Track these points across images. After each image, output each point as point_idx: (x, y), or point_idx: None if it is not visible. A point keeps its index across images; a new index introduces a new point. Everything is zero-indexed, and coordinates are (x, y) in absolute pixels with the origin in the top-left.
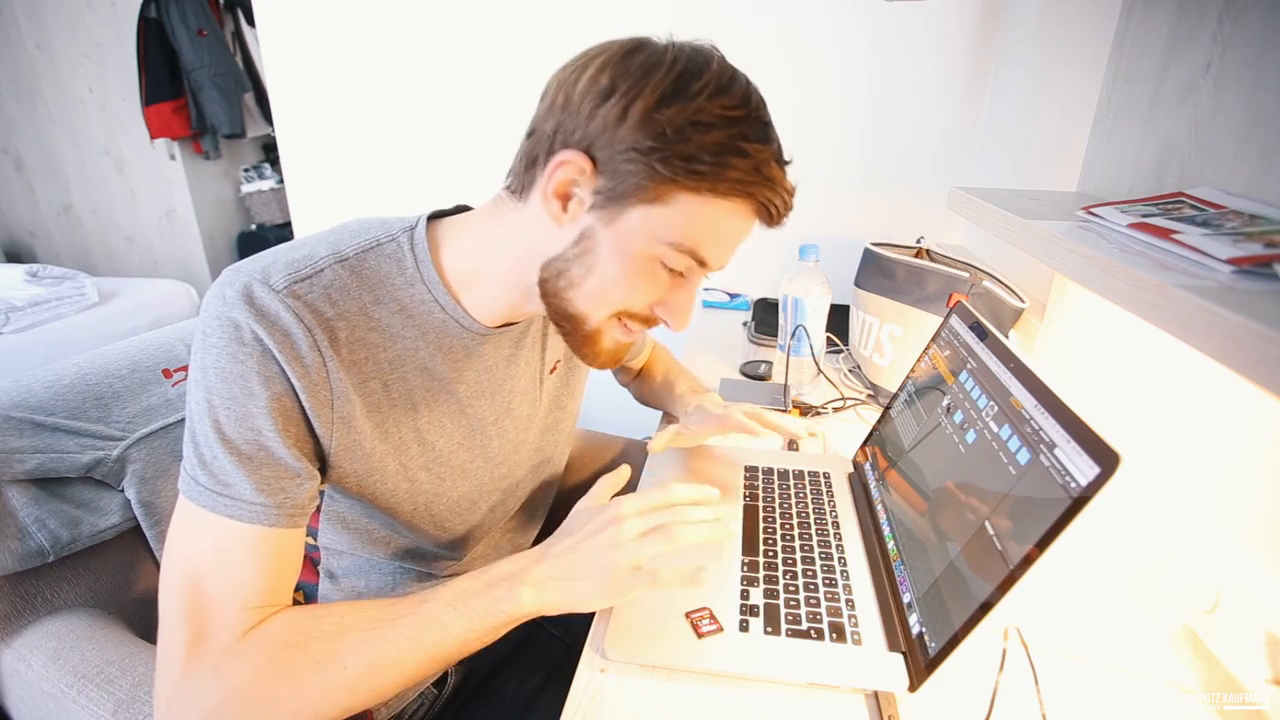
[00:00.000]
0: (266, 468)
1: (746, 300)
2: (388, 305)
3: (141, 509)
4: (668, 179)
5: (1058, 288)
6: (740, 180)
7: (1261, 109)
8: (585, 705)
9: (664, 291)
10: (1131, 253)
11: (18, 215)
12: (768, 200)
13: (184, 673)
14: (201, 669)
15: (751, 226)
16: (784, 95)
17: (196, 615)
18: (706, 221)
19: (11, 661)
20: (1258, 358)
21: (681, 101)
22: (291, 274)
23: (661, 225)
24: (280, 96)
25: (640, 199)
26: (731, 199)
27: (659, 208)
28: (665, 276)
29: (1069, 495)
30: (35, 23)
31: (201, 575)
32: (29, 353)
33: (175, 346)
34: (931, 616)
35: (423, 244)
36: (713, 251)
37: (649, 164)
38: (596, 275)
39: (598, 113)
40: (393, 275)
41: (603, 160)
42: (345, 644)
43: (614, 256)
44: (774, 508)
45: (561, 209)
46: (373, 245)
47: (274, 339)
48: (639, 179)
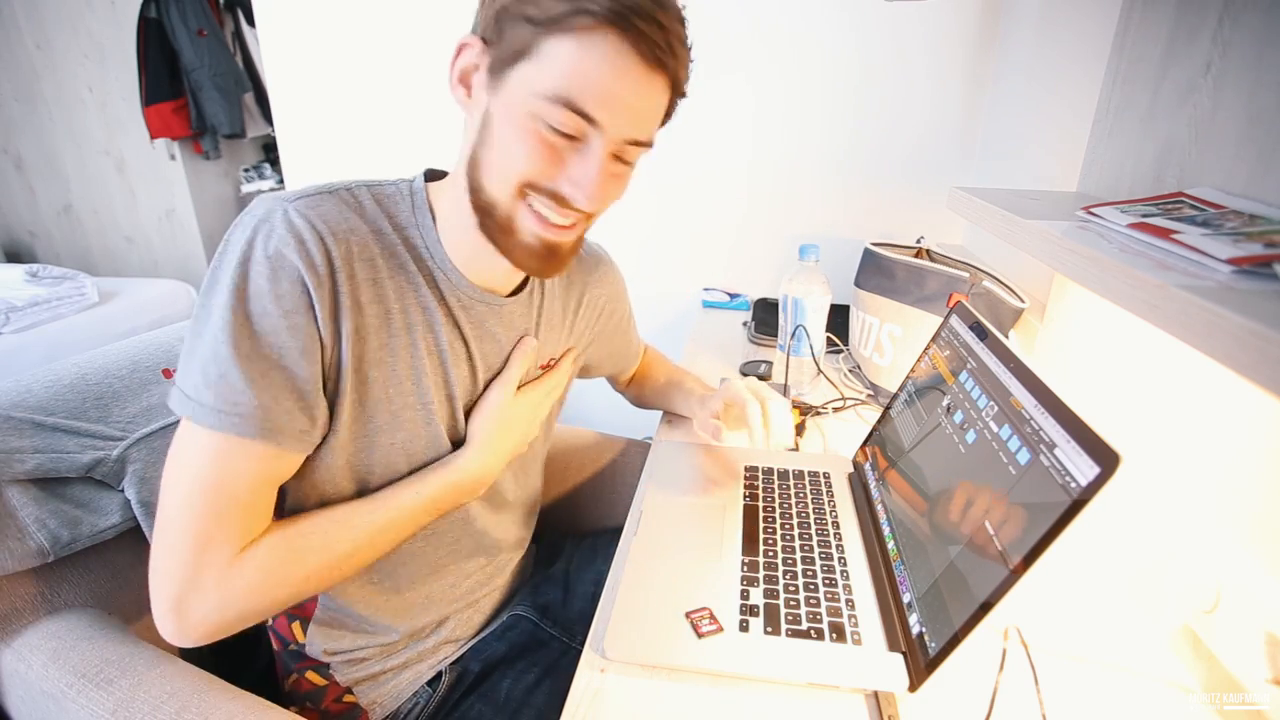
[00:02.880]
0: (277, 386)
1: (746, 300)
2: (389, 236)
3: (141, 509)
4: (533, 29)
5: (1058, 288)
6: (595, 10)
7: (1261, 109)
8: (585, 705)
9: (564, 162)
10: (1131, 253)
11: (18, 215)
12: (633, 31)
13: (190, 582)
14: (208, 579)
15: (634, 68)
16: (784, 95)
17: (203, 529)
18: (575, 64)
19: (11, 661)
20: (1258, 358)
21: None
22: (305, 192)
23: (535, 79)
24: (280, 96)
25: (515, 55)
26: (592, 34)
27: (531, 62)
28: (560, 141)
29: (1069, 495)
30: (35, 23)
31: (207, 491)
32: (29, 353)
33: (175, 346)
34: (931, 616)
35: (420, 193)
36: (592, 101)
37: (512, 18)
38: (494, 149)
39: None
40: (395, 213)
41: (489, 35)
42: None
43: (504, 125)
44: (774, 508)
45: (466, 95)
46: (375, 185)
47: (291, 245)
48: (510, 40)
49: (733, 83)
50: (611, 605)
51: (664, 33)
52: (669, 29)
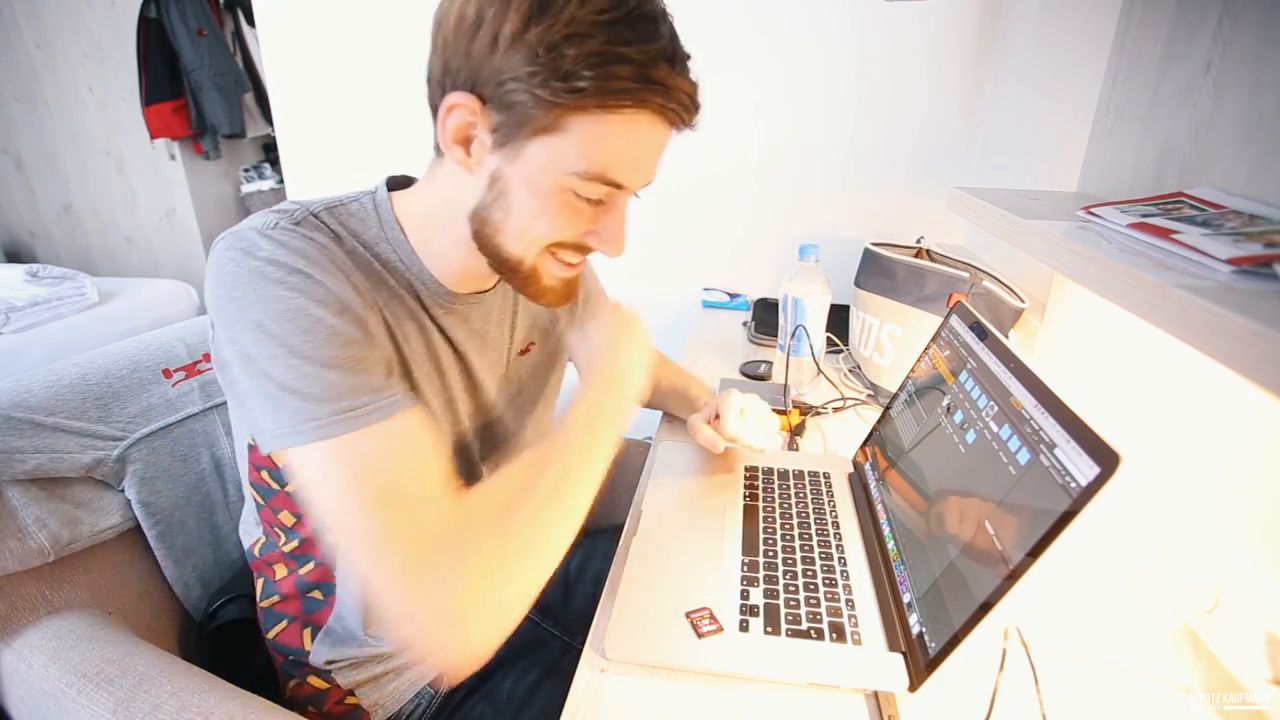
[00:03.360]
0: (365, 363)
1: (746, 300)
2: (362, 256)
3: (141, 509)
4: (553, 104)
5: (1058, 288)
6: (626, 90)
7: (1261, 109)
8: (585, 705)
9: (590, 220)
10: (1131, 253)
11: (18, 215)
12: (662, 106)
13: (421, 569)
14: (438, 560)
15: (664, 134)
16: (784, 95)
17: (403, 520)
18: (607, 142)
19: (11, 661)
20: (1258, 358)
21: (549, 17)
22: (279, 219)
23: (563, 155)
24: (280, 96)
25: (534, 129)
26: (624, 112)
27: (555, 136)
28: (585, 206)
29: (1069, 495)
30: (35, 23)
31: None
32: (29, 353)
33: (175, 346)
34: (931, 616)
35: (385, 205)
36: (625, 172)
37: (530, 91)
38: (516, 216)
39: (473, 47)
40: (361, 232)
41: (489, 96)
42: (540, 483)
43: (526, 195)
44: (774, 508)
45: (465, 154)
46: (337, 204)
47: (307, 258)
48: (526, 109)
49: (733, 83)
50: (611, 605)
51: (689, 97)
52: (692, 91)
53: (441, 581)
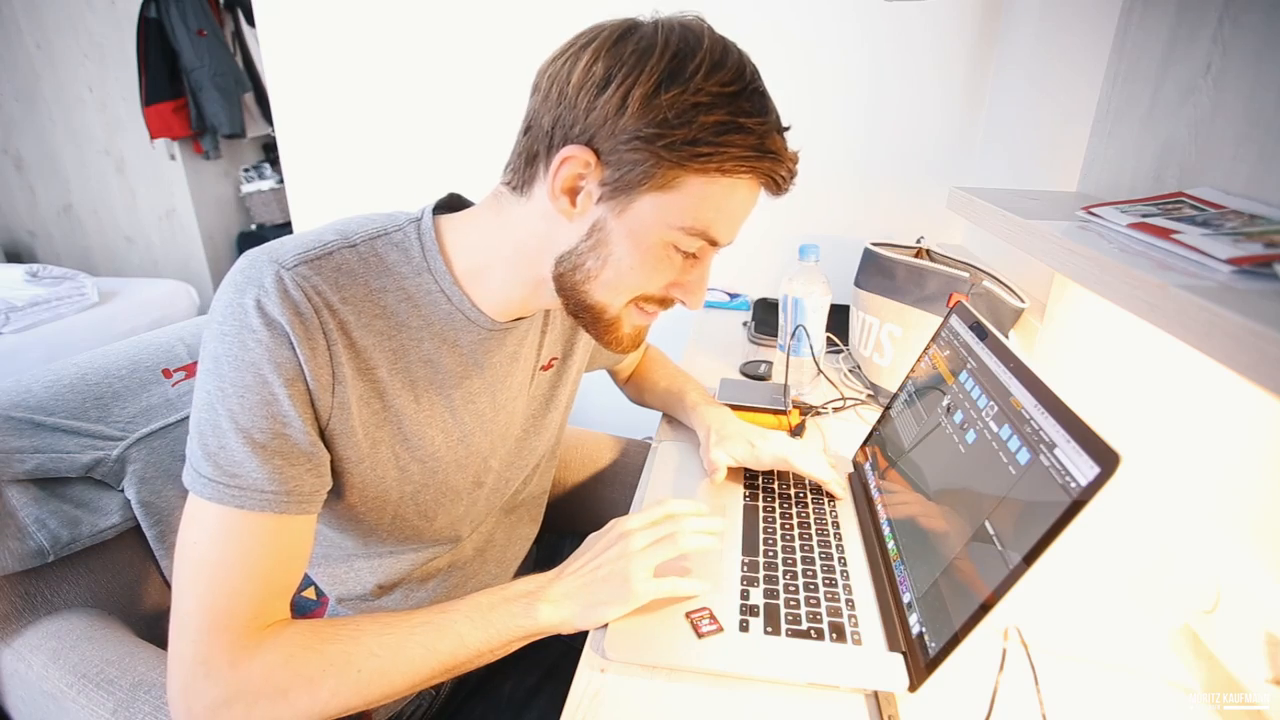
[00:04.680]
0: (280, 455)
1: (746, 300)
2: (394, 293)
3: (141, 509)
4: (674, 164)
5: (1058, 288)
6: (744, 157)
7: (1261, 109)
8: (585, 705)
9: (678, 273)
10: (1131, 253)
11: (18, 215)
12: (771, 171)
13: (200, 665)
14: (218, 662)
15: (757, 197)
16: (783, 94)
17: (212, 607)
18: (715, 201)
19: (11, 661)
20: (1258, 358)
21: (679, 84)
22: (302, 254)
23: (672, 211)
24: (280, 96)
25: (649, 186)
26: (737, 176)
27: (668, 193)
28: (679, 259)
29: (1069, 495)
30: (35, 23)
31: (215, 567)
32: (29, 353)
33: (175, 346)
34: (931, 616)
35: (430, 234)
36: (724, 229)
37: (654, 151)
38: (612, 266)
39: (596, 104)
40: (399, 264)
41: (606, 151)
42: (360, 648)
43: (628, 246)
44: (774, 508)
45: (570, 204)
46: (380, 233)
47: (285, 315)
48: (646, 167)
49: None
50: None
51: (792, 166)
52: (795, 160)
53: (200, 668)
